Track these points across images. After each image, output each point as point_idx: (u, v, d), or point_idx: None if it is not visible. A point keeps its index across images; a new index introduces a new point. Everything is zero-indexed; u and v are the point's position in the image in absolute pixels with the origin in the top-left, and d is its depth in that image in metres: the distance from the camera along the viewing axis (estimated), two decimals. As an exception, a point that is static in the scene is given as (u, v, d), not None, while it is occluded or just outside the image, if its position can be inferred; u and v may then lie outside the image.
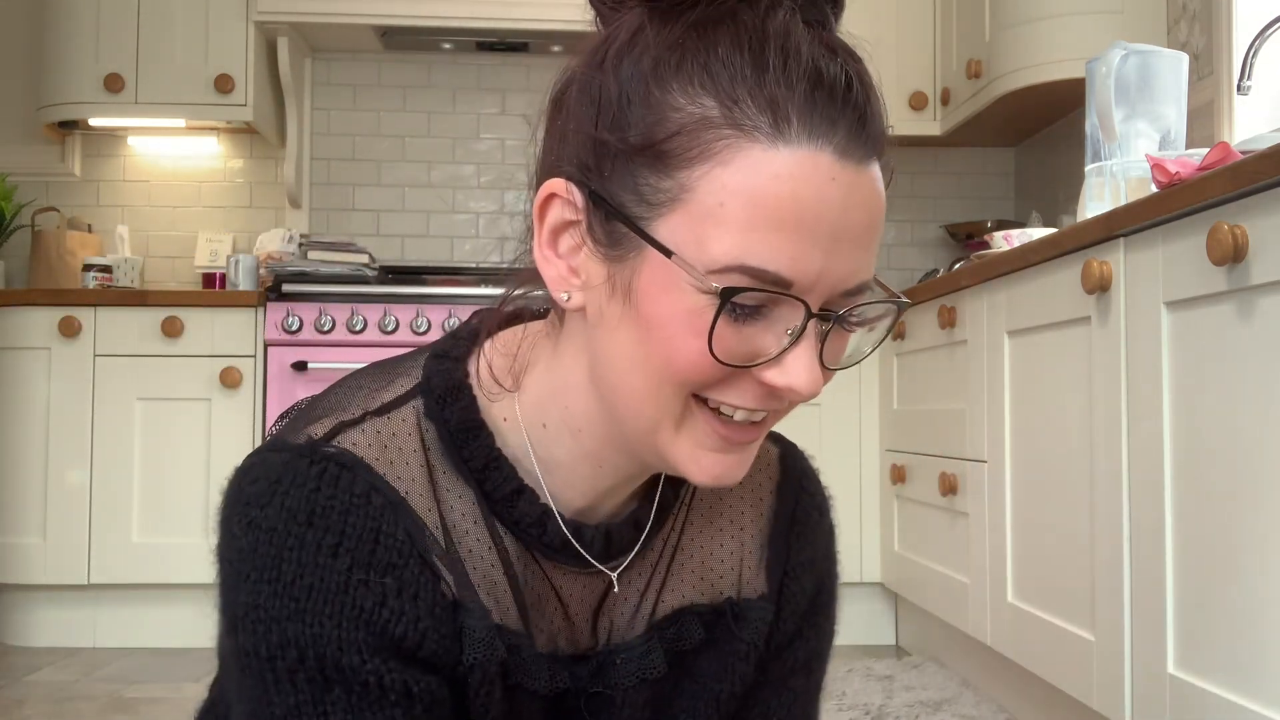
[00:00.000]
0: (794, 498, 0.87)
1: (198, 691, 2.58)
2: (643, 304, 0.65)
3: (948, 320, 2.52)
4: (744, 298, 0.63)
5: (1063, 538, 1.97)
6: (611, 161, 0.66)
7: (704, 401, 0.68)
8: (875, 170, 0.65)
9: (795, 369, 0.65)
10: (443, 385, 0.75)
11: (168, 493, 3.08)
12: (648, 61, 0.65)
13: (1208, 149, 1.67)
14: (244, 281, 3.39)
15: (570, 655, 0.80)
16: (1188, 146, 2.28)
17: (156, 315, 3.11)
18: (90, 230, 3.68)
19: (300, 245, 3.44)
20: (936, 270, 3.40)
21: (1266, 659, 1.40)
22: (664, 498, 0.81)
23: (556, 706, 0.79)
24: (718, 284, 0.62)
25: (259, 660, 0.67)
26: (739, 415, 0.68)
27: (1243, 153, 1.55)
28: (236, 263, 3.41)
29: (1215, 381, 1.51)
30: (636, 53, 0.66)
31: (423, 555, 0.70)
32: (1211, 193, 1.49)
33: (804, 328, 0.64)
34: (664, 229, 0.64)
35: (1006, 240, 2.49)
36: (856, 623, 3.15)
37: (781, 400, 0.68)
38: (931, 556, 2.70)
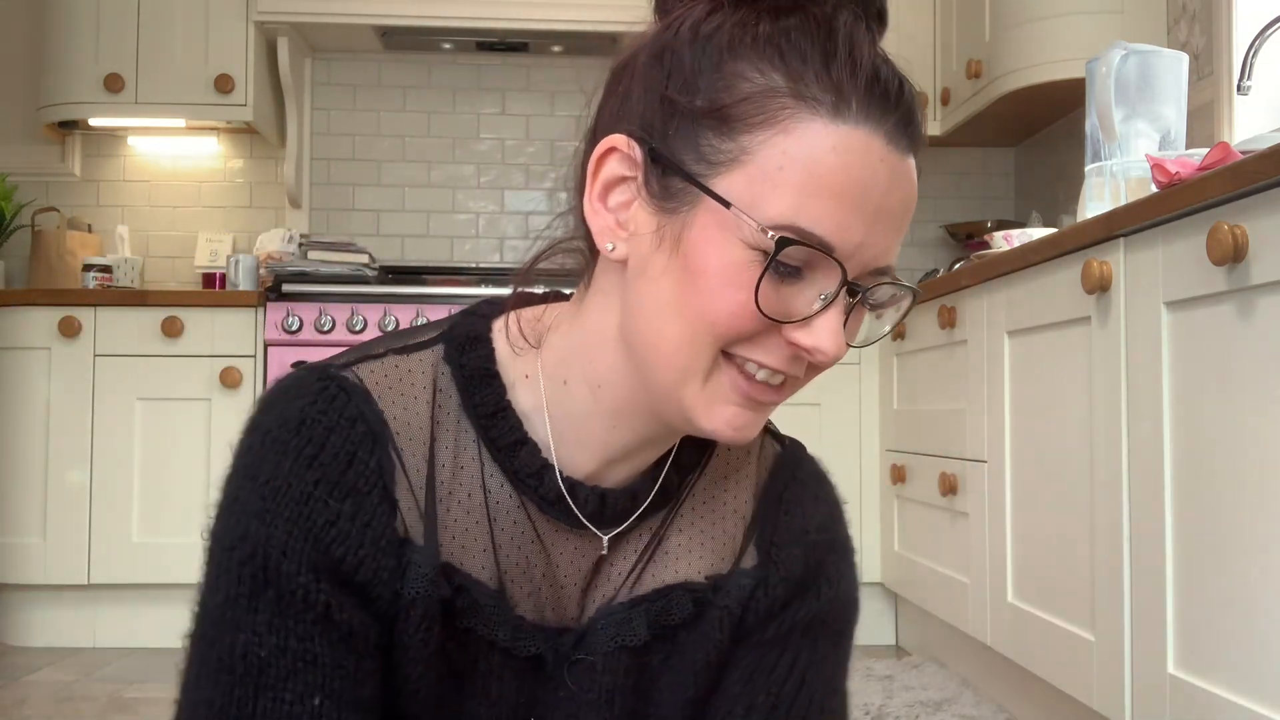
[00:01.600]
0: (784, 482, 0.89)
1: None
2: (692, 254, 0.69)
3: (948, 320, 2.52)
4: (790, 255, 0.67)
5: (1063, 538, 1.97)
6: (677, 121, 0.70)
7: (730, 359, 0.72)
8: (914, 164, 0.72)
9: (823, 331, 0.70)
10: (465, 334, 0.81)
11: (168, 493, 3.08)
12: (723, 36, 0.70)
13: (1208, 149, 1.68)
14: (244, 281, 3.39)
15: (556, 628, 0.81)
16: (1188, 146, 2.28)
17: (156, 315, 3.11)
18: (90, 230, 3.69)
19: (300, 245, 3.44)
20: (936, 270, 3.40)
21: (1266, 659, 1.40)
22: (667, 480, 0.84)
23: (535, 673, 0.80)
24: (755, 238, 0.67)
25: (220, 548, 0.73)
26: (761, 374, 0.72)
27: (1243, 153, 1.55)
28: (236, 263, 3.41)
29: (1215, 381, 1.51)
30: (711, 27, 0.71)
31: (387, 489, 0.74)
32: (1211, 193, 1.49)
33: (837, 293, 0.69)
34: (722, 186, 0.69)
35: (1006, 240, 2.49)
36: (856, 623, 3.15)
37: (801, 364, 0.73)
38: (931, 556, 2.70)
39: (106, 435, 3.08)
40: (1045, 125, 3.55)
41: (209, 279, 3.60)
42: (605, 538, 0.81)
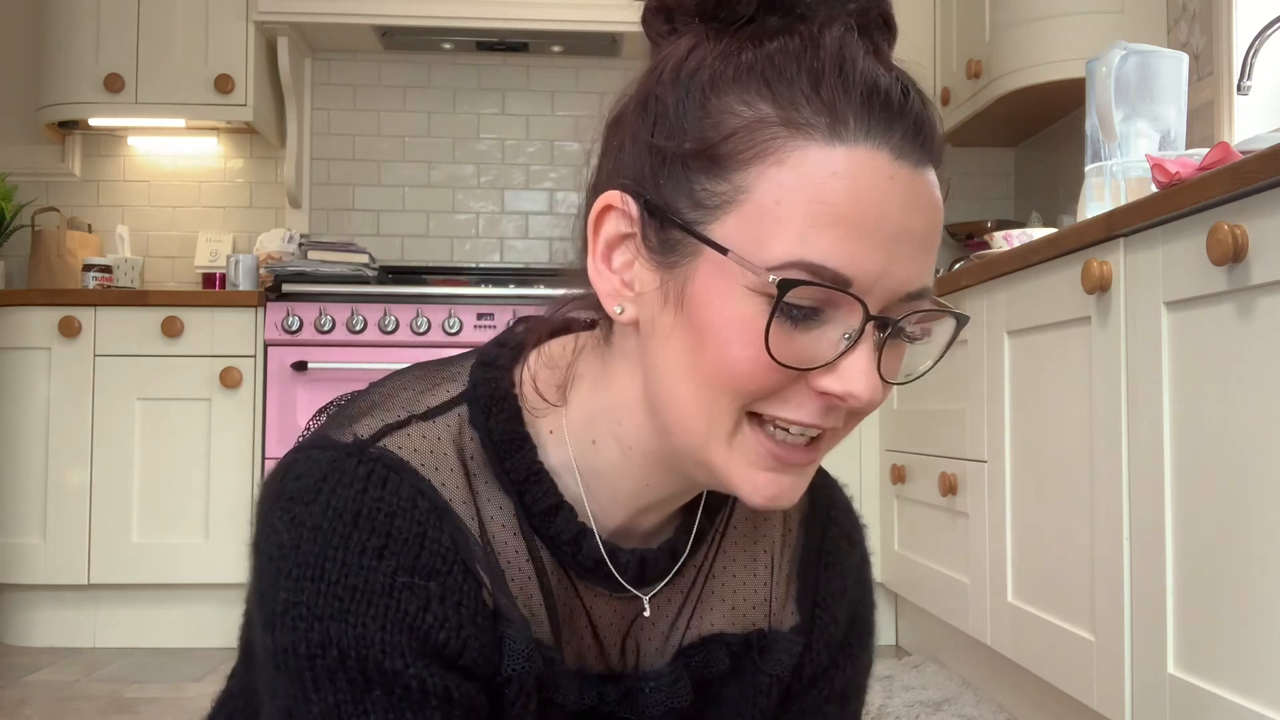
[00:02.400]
0: (822, 529, 0.86)
1: (198, 691, 2.58)
2: (695, 310, 0.65)
3: (948, 320, 2.52)
4: (800, 295, 0.62)
5: (1063, 538, 1.97)
6: (667, 169, 0.66)
7: (759, 419, 0.67)
8: (933, 176, 0.66)
9: (852, 374, 0.64)
10: (488, 394, 0.75)
11: (168, 493, 3.08)
12: (705, 73, 0.66)
13: (1208, 149, 1.67)
14: (244, 281, 3.40)
15: (598, 674, 0.79)
16: (1188, 146, 2.28)
17: (156, 315, 3.11)
18: (90, 230, 3.69)
19: (300, 245, 3.44)
20: (937, 270, 3.39)
21: (1266, 659, 1.40)
22: (701, 527, 0.81)
23: None
24: (774, 278, 0.62)
25: (297, 658, 0.67)
26: (793, 431, 0.67)
27: (1243, 153, 1.55)
28: (236, 263, 3.41)
29: (1215, 381, 1.51)
30: (693, 65, 0.67)
31: (466, 562, 0.70)
32: (1211, 193, 1.49)
33: (862, 329, 0.63)
34: (720, 232, 0.64)
35: (1006, 240, 2.48)
36: (856, 623, 3.15)
37: (838, 414, 0.67)
38: (931, 556, 2.70)
39: (106, 435, 3.08)
40: (1045, 125, 3.55)
41: (209, 279, 3.60)
42: (646, 599, 0.78)
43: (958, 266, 2.77)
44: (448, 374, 0.78)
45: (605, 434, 0.74)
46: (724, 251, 0.63)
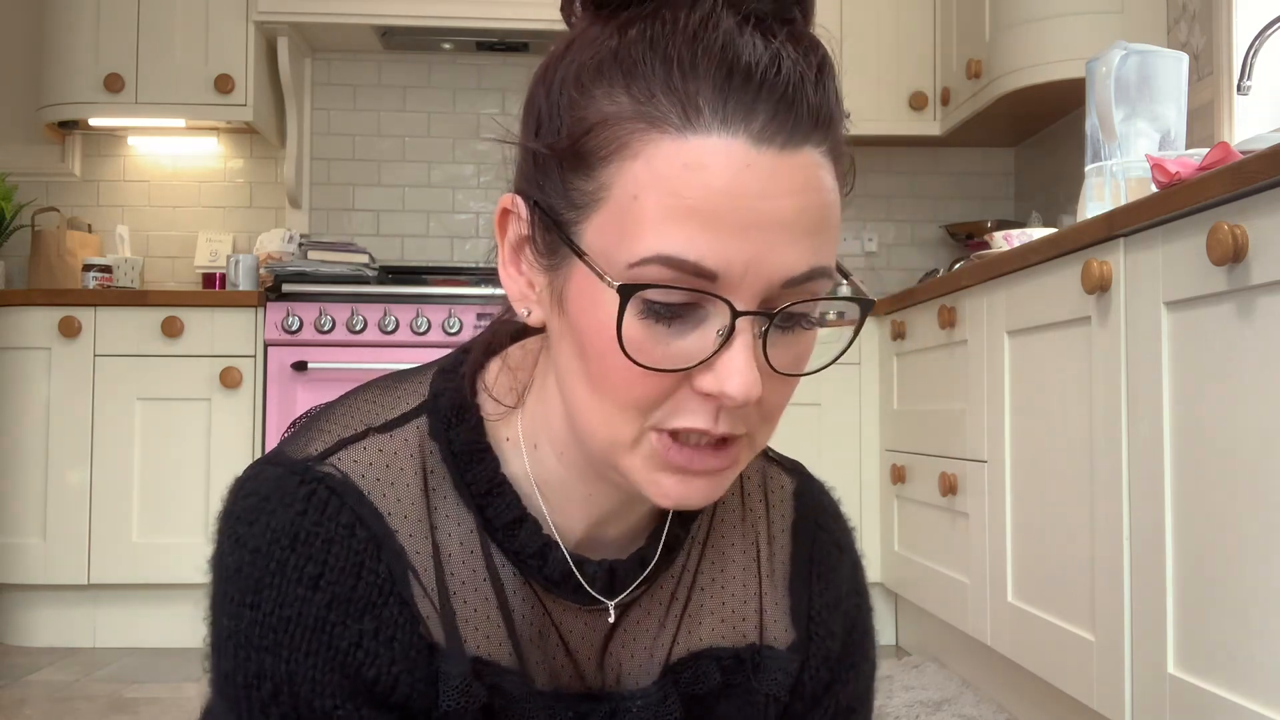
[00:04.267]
0: (810, 537, 0.84)
1: (198, 691, 2.58)
2: (573, 315, 0.64)
3: (948, 320, 2.52)
4: (656, 294, 0.60)
5: (1063, 538, 1.97)
6: (544, 170, 0.65)
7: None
8: (809, 155, 0.61)
9: (725, 372, 0.60)
10: (449, 405, 0.74)
11: (168, 493, 3.08)
12: (573, 68, 0.64)
13: (1208, 149, 1.67)
14: (244, 281, 3.39)
15: (578, 694, 0.77)
16: (1188, 146, 2.28)
17: (156, 315, 3.11)
18: (90, 230, 3.68)
19: (300, 245, 3.44)
20: (936, 270, 3.40)
21: (1266, 659, 1.40)
22: (671, 536, 0.78)
23: None
24: (620, 280, 0.60)
25: (235, 686, 0.67)
26: (692, 439, 0.64)
27: (1243, 153, 1.55)
28: (236, 263, 3.41)
29: (1215, 381, 1.51)
30: (566, 61, 0.65)
31: (403, 595, 0.69)
32: (1211, 193, 1.49)
33: (732, 325, 0.60)
34: (589, 232, 0.62)
35: (1006, 240, 2.48)
36: (856, 623, 3.15)
37: (734, 417, 0.63)
38: (931, 556, 2.70)
39: (106, 435, 3.08)
40: (1045, 125, 3.55)
41: (209, 279, 3.60)
42: (611, 605, 0.75)
43: (958, 266, 2.77)
44: (410, 385, 0.76)
45: (544, 440, 0.72)
46: (581, 254, 0.62)
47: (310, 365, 3.06)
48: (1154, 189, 1.75)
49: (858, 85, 3.52)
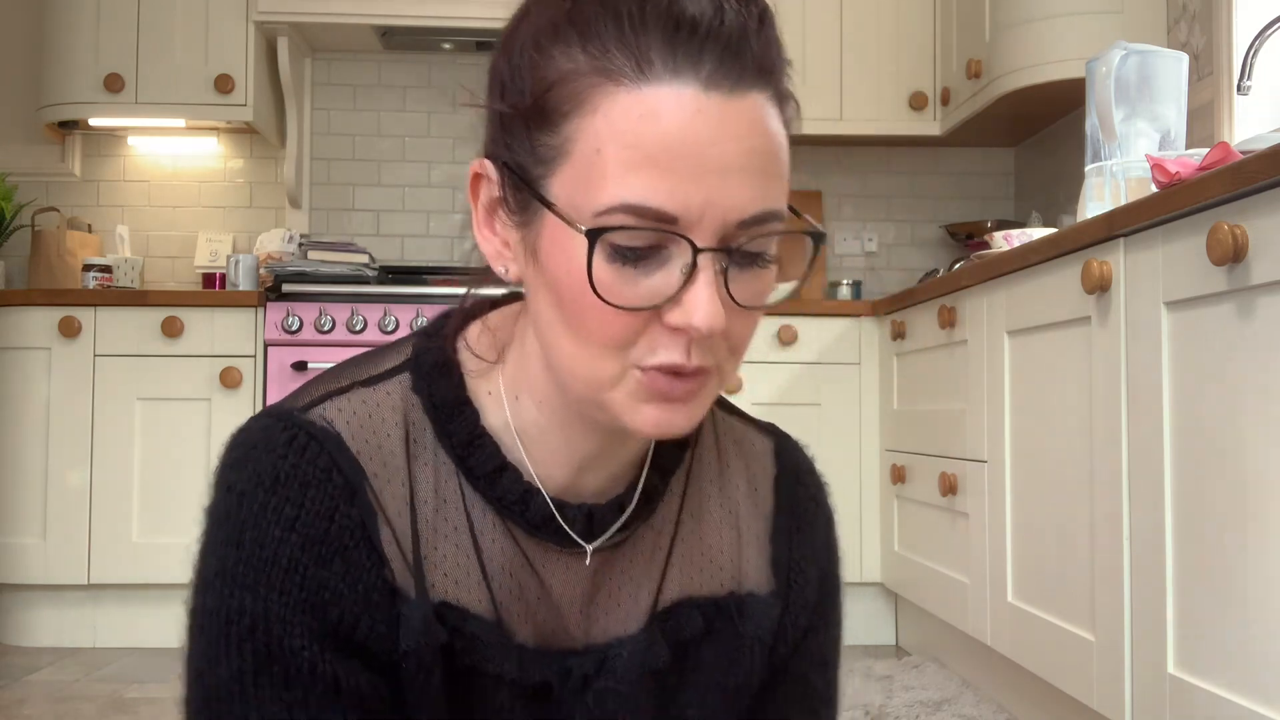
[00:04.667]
0: (791, 492, 0.88)
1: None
2: (547, 265, 0.68)
3: (948, 320, 2.52)
4: (622, 237, 0.64)
5: (1063, 538, 1.97)
6: (511, 131, 0.69)
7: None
8: (755, 99, 0.66)
9: (690, 305, 0.65)
10: (431, 361, 0.78)
11: (168, 493, 3.08)
12: (531, 31, 0.69)
13: (1208, 149, 1.67)
14: (244, 281, 3.40)
15: (564, 650, 0.79)
16: (1188, 146, 2.28)
17: (156, 315, 3.11)
18: (90, 230, 3.69)
19: (300, 245, 3.44)
20: (936, 270, 3.40)
21: (1266, 659, 1.40)
22: (649, 485, 0.81)
23: (543, 700, 0.78)
24: (588, 226, 0.64)
25: (217, 622, 0.71)
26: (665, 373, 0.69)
27: (1243, 153, 1.55)
28: (236, 263, 3.41)
29: (1215, 381, 1.51)
30: (524, 26, 0.70)
31: (372, 540, 0.72)
32: (1211, 193, 1.49)
33: (694, 261, 0.65)
34: (556, 185, 0.67)
35: (1006, 240, 2.49)
36: (856, 623, 3.15)
37: (704, 350, 0.68)
38: (931, 556, 2.70)
39: (106, 435, 3.08)
40: (1045, 125, 3.55)
41: (209, 279, 3.60)
42: (590, 548, 0.79)
43: (958, 266, 2.77)
44: (396, 347, 0.81)
45: (524, 392, 0.77)
46: (550, 206, 0.66)
47: (310, 365, 3.06)
48: (1154, 189, 1.75)
49: (858, 85, 3.52)
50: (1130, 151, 2.17)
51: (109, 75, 3.41)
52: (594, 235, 0.64)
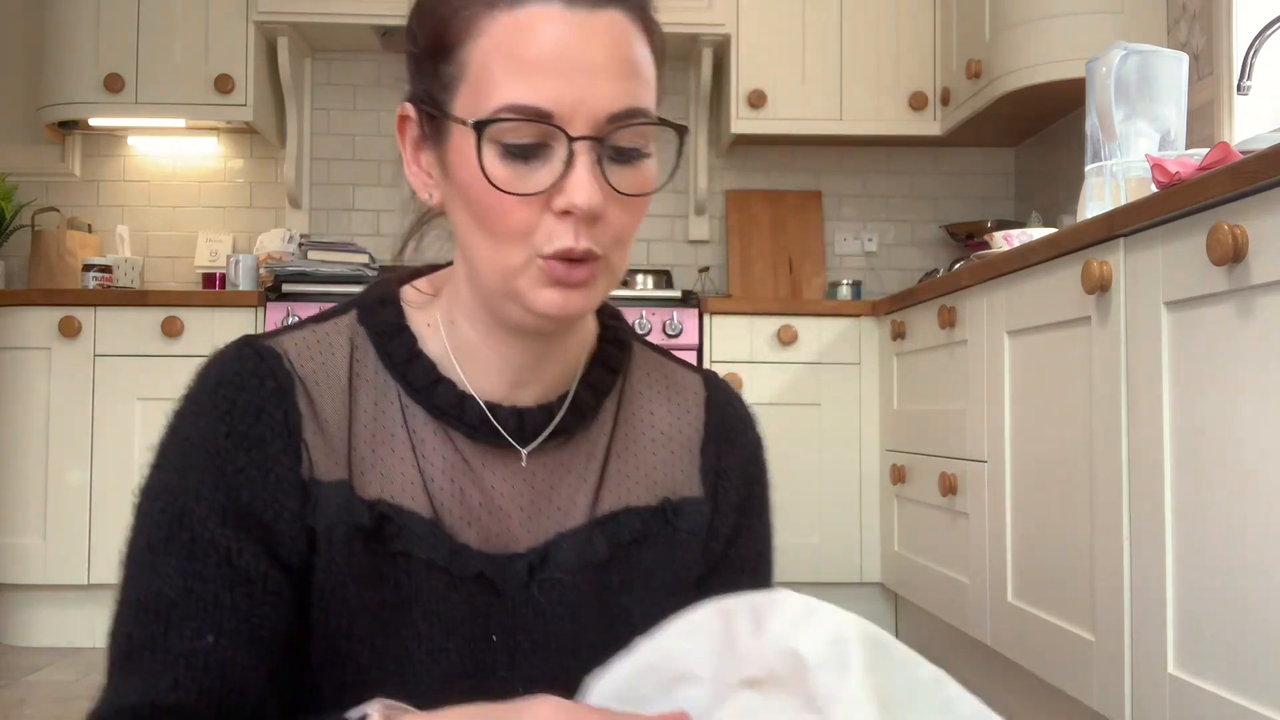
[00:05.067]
0: (720, 411, 0.96)
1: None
2: (455, 175, 0.79)
3: (948, 320, 2.52)
4: (507, 133, 0.75)
5: (1063, 538, 1.97)
6: (422, 69, 0.81)
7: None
8: (614, 15, 0.77)
9: (573, 187, 0.75)
10: (374, 297, 0.89)
11: (168, 493, 3.07)
12: None
13: (1208, 149, 1.67)
14: (244, 281, 3.39)
15: (505, 554, 0.85)
16: (1188, 146, 2.28)
17: (156, 315, 3.11)
18: (90, 230, 3.69)
19: (300, 245, 3.44)
20: (936, 270, 3.40)
21: (1266, 659, 1.40)
22: (580, 398, 0.89)
23: (488, 596, 0.83)
24: (472, 120, 0.75)
25: (145, 499, 0.81)
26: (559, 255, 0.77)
27: (1243, 153, 1.55)
28: (236, 263, 3.41)
29: (1215, 381, 1.51)
30: None
31: (293, 437, 0.81)
32: (1211, 193, 1.49)
33: (570, 150, 0.75)
34: (458, 104, 0.78)
35: (1006, 240, 2.49)
36: (856, 623, 3.15)
37: (589, 233, 0.76)
38: (931, 556, 2.70)
39: (106, 435, 3.08)
40: (1045, 125, 3.55)
41: (209, 279, 3.60)
42: (524, 451, 0.87)
43: (958, 266, 2.77)
44: (348, 298, 0.92)
45: (458, 312, 0.86)
46: (449, 116, 0.78)
47: (310, 365, 3.06)
48: (1154, 189, 1.75)
49: (858, 85, 3.53)
50: (1130, 151, 2.17)
51: (109, 75, 3.41)
52: (480, 127, 0.75)
